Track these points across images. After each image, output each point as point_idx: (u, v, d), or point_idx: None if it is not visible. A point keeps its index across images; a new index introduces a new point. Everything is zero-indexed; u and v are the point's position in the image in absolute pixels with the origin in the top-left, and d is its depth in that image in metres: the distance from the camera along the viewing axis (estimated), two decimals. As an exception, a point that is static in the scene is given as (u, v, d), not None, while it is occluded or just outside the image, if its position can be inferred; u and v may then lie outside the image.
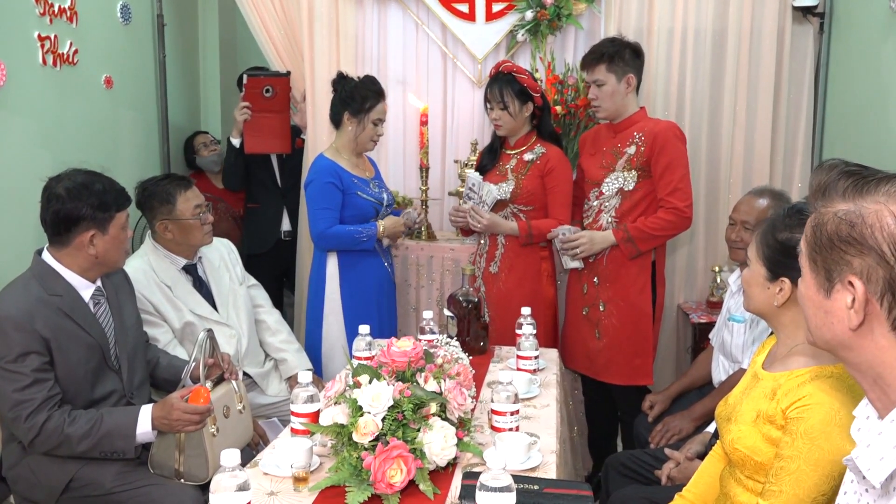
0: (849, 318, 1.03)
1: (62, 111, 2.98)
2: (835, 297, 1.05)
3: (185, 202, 2.58)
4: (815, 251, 1.07)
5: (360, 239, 2.94)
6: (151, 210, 2.61)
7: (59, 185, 2.06)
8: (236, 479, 1.40)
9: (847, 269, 1.02)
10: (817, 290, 1.08)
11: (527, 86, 2.94)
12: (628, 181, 2.87)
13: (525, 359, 2.41)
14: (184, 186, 2.62)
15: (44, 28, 2.83)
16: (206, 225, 2.64)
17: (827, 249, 1.05)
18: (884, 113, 2.85)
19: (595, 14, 3.55)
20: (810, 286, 1.10)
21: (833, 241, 1.04)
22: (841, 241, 1.02)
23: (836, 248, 1.03)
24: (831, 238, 1.04)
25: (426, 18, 3.68)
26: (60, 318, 2.04)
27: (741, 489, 1.59)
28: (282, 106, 3.56)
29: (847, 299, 1.03)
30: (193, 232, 2.61)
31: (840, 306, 1.04)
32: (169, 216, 2.58)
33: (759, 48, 3.41)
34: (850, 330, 1.03)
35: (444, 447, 1.70)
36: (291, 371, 2.82)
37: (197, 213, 2.60)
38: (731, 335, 2.54)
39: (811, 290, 1.10)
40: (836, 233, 1.03)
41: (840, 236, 1.03)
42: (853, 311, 1.02)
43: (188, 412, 2.00)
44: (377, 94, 2.95)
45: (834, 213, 1.04)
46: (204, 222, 2.63)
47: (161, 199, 2.58)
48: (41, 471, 2.08)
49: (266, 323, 2.90)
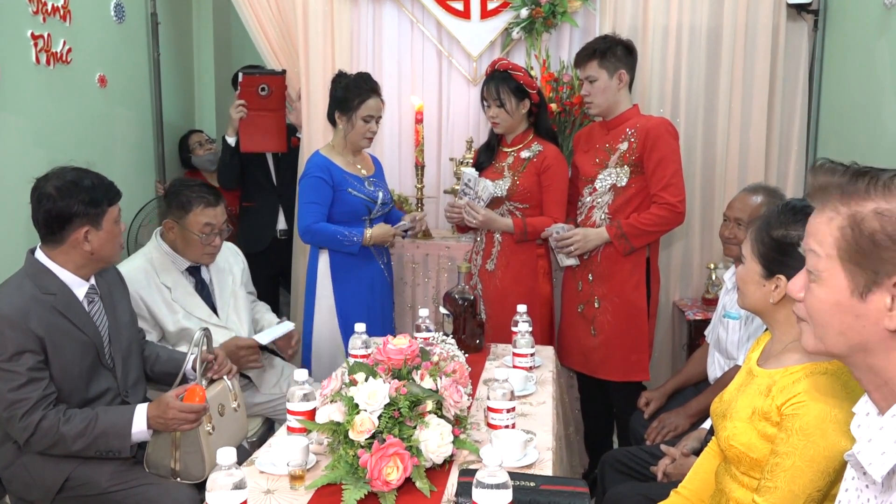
0: (889, 318, 1.00)
1: (56, 110, 2.97)
2: (870, 298, 1.01)
3: (197, 216, 2.56)
4: (857, 252, 1.02)
5: (343, 241, 2.92)
6: (168, 205, 2.61)
7: (48, 185, 2.05)
8: (232, 478, 1.40)
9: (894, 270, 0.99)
10: (850, 294, 1.03)
11: (523, 83, 2.94)
12: (621, 177, 2.88)
13: (521, 356, 2.42)
14: (205, 202, 2.57)
15: (37, 27, 2.83)
16: (210, 247, 2.61)
17: (870, 249, 1.01)
18: (878, 109, 2.86)
19: (590, 12, 3.55)
20: (840, 290, 1.05)
21: (876, 240, 1.00)
22: (888, 238, 0.99)
23: (882, 247, 0.99)
24: (874, 236, 1.00)
25: (421, 16, 3.68)
26: (55, 317, 2.03)
27: (737, 485, 1.59)
28: (277, 104, 3.55)
29: (886, 300, 1.00)
30: (193, 247, 2.59)
31: (876, 307, 1.01)
32: (178, 220, 2.57)
33: (754, 45, 3.42)
34: (885, 331, 1.00)
35: (440, 444, 1.70)
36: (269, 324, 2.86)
37: (205, 230, 2.57)
38: (727, 332, 2.55)
39: (838, 293, 1.05)
40: (882, 230, 1.00)
41: (888, 233, 0.99)
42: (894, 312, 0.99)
43: (184, 411, 2.00)
44: (368, 92, 2.93)
45: (874, 211, 1.01)
46: (207, 244, 2.59)
47: (178, 204, 2.57)
48: (36, 470, 2.07)
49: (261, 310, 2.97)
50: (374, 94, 2.95)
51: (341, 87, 2.95)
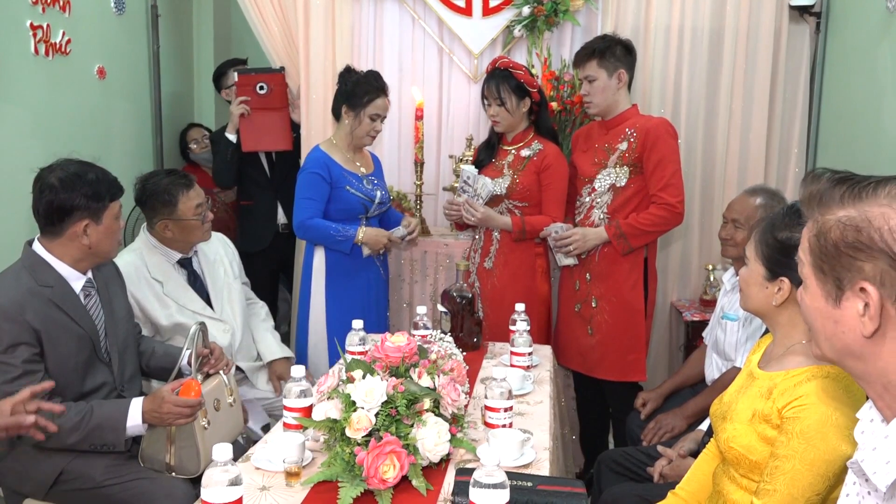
0: (862, 325, 1.00)
1: (54, 101, 2.95)
2: (844, 305, 1.02)
3: (187, 202, 2.56)
4: (822, 260, 1.04)
5: (336, 238, 2.91)
6: (153, 209, 2.57)
7: (51, 176, 2.04)
8: (228, 474, 1.39)
9: (858, 276, 0.99)
10: (825, 300, 1.05)
11: (524, 81, 2.93)
12: (620, 177, 2.87)
13: (519, 355, 2.41)
14: (185, 186, 2.58)
15: (36, 17, 2.81)
16: (207, 223, 2.63)
17: (834, 257, 1.02)
18: (879, 113, 2.86)
19: (592, 11, 3.55)
20: (816, 296, 1.07)
21: (840, 248, 1.01)
22: (848, 246, 1.00)
23: (843, 255, 1.00)
24: (837, 245, 1.01)
25: (423, 13, 3.66)
26: (51, 310, 2.02)
27: (735, 487, 1.59)
28: (280, 102, 3.52)
29: (859, 306, 1.00)
30: (194, 231, 2.60)
31: (851, 314, 1.01)
32: (171, 216, 2.55)
33: (756, 47, 3.42)
34: (863, 337, 1.01)
35: (437, 443, 1.69)
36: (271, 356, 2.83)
37: (199, 212, 2.58)
38: (725, 333, 2.55)
39: (818, 300, 1.06)
40: (842, 239, 1.00)
41: (847, 242, 1.00)
42: (867, 318, 0.99)
43: (179, 405, 1.99)
44: (377, 90, 2.93)
45: (837, 219, 1.02)
46: (204, 220, 2.62)
47: (163, 200, 2.55)
48: (30, 463, 2.06)
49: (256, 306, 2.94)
50: (382, 94, 2.95)
51: (351, 81, 2.93)
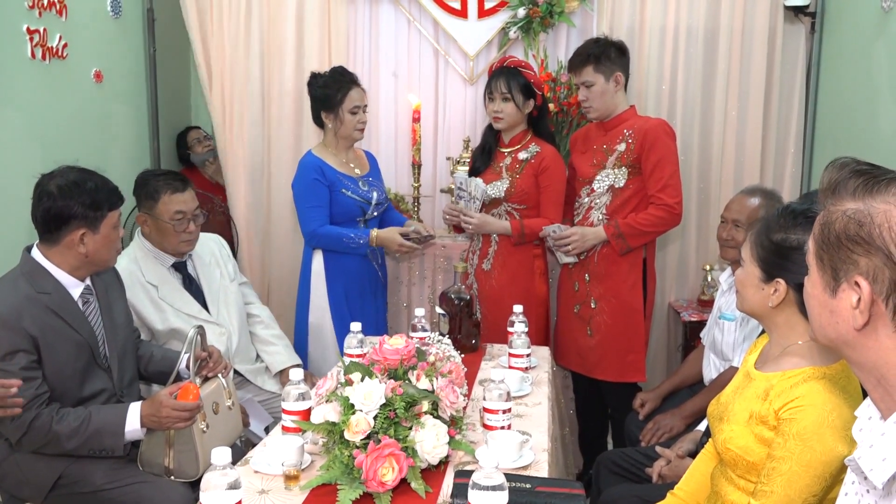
0: (854, 317, 1.02)
1: (51, 105, 2.95)
2: (840, 296, 1.04)
3: (167, 204, 2.52)
4: (823, 249, 1.06)
5: (349, 244, 2.92)
6: (138, 199, 2.59)
7: (51, 183, 2.04)
8: (227, 478, 1.39)
9: (853, 269, 1.01)
10: (823, 289, 1.07)
11: (532, 82, 2.94)
12: (619, 178, 2.87)
13: (517, 357, 2.41)
14: (172, 188, 2.54)
15: (33, 21, 2.80)
16: (185, 233, 2.56)
17: (834, 248, 1.03)
18: (874, 112, 2.86)
19: (587, 12, 3.55)
20: (816, 284, 1.09)
21: (840, 240, 1.02)
22: (849, 239, 1.01)
23: (843, 247, 1.02)
24: (839, 236, 1.03)
25: (418, 15, 3.66)
26: (49, 316, 2.01)
27: (732, 488, 1.59)
28: None
29: (853, 299, 1.02)
30: (168, 236, 2.55)
31: (845, 306, 1.03)
32: (149, 212, 2.55)
33: (751, 47, 3.43)
34: (854, 330, 1.03)
35: (435, 445, 1.69)
36: (281, 366, 2.81)
37: (176, 218, 2.52)
38: (722, 333, 2.55)
39: (817, 288, 1.09)
40: (844, 231, 1.02)
41: (848, 235, 1.01)
42: (858, 312, 1.01)
43: (177, 409, 1.99)
44: (348, 83, 2.91)
45: (843, 211, 1.03)
46: (181, 230, 2.54)
47: (147, 194, 2.55)
48: (29, 468, 2.06)
49: (259, 316, 2.90)
50: (354, 85, 2.93)
51: (319, 86, 2.93)
